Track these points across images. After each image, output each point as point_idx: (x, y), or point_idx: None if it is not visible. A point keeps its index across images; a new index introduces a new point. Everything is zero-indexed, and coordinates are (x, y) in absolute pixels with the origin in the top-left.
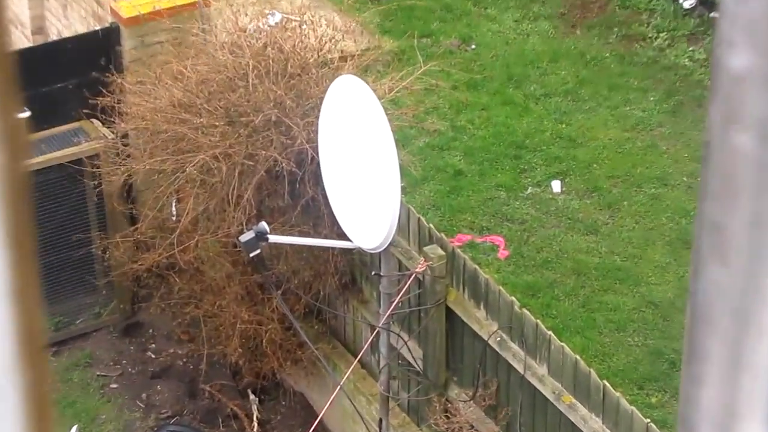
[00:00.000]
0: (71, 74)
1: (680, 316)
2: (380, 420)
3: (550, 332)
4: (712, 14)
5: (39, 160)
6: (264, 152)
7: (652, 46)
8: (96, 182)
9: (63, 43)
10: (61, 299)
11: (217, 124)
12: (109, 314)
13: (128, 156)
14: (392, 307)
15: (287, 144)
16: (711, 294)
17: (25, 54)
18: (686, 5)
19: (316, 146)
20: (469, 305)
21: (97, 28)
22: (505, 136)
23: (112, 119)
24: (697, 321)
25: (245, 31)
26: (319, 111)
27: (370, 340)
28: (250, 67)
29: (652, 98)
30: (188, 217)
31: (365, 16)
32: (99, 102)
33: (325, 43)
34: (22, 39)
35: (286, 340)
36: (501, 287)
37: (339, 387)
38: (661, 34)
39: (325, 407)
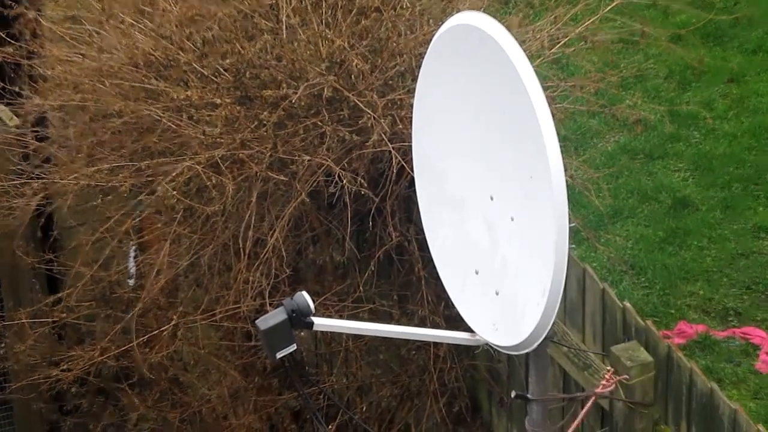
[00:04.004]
0: None
1: None
2: None
3: None
4: None
5: None
6: (307, 157)
7: None
8: None
9: None
10: None
11: (218, 101)
12: None
13: (46, 161)
14: None
15: (352, 143)
16: None
17: None
18: None
19: (409, 149)
20: None
21: None
22: None
23: (18, 89)
24: None
25: None
26: (414, 81)
27: None
28: None
29: None
30: (160, 281)
31: None
32: None
33: None
34: None
35: None
36: (762, 427)
37: None
38: None
39: None
